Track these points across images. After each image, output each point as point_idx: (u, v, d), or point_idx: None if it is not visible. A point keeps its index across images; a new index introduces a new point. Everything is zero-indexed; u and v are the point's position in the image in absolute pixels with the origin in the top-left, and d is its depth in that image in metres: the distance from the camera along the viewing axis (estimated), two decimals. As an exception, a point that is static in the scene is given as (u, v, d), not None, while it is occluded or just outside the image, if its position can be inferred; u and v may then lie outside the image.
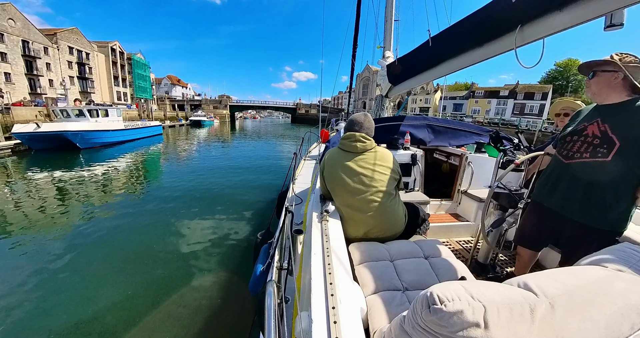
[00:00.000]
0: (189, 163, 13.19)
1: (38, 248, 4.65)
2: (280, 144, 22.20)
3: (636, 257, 0.69)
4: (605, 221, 1.36)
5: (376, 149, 1.73)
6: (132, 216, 6.09)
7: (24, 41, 29.93)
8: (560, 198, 1.49)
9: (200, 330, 2.98)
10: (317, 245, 1.25)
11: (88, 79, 39.32)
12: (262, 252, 2.04)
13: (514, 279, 0.66)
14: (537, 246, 1.76)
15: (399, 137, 3.13)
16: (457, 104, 51.64)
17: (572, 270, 0.69)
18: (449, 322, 0.53)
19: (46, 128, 14.04)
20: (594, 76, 1.37)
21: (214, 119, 46.82)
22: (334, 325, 0.82)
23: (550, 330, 0.52)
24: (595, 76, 1.36)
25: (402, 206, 1.77)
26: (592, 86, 1.39)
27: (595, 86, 1.38)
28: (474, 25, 1.99)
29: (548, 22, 1.46)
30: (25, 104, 22.83)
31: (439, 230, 2.61)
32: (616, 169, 1.28)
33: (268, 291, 0.93)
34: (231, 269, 4.11)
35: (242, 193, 7.92)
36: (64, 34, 35.46)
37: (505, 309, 0.54)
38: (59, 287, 3.60)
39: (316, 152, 5.87)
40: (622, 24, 1.21)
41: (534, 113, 41.39)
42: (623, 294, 0.59)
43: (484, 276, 2.04)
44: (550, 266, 2.09)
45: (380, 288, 1.21)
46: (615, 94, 1.33)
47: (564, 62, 50.23)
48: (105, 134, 16.97)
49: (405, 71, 3.40)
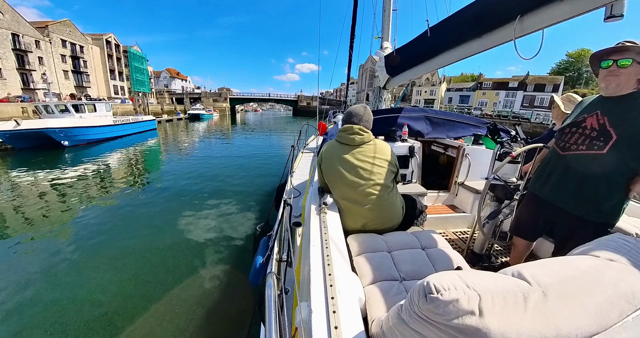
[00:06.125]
0: (185, 158, 12.96)
1: (23, 248, 4.55)
2: (279, 137, 22.06)
3: (627, 247, 0.71)
4: (598, 213, 1.37)
5: (374, 142, 1.73)
6: (124, 215, 5.95)
7: (14, 34, 29.12)
8: (554, 189, 1.51)
9: (201, 321, 3.03)
10: (315, 237, 1.27)
11: (83, 73, 38.63)
12: (262, 244, 2.05)
13: (508, 269, 0.67)
14: (532, 236, 1.79)
15: (396, 129, 3.12)
16: (464, 96, 49.87)
17: (565, 260, 0.70)
18: (445, 310, 0.55)
19: (26, 125, 13.22)
20: (631, 65, 1.23)
21: (214, 113, 46.07)
22: (333, 314, 0.84)
23: (542, 317, 0.53)
24: (632, 65, 1.23)
25: (399, 199, 1.78)
26: (622, 76, 1.26)
27: (626, 76, 1.25)
28: (473, 16, 1.97)
29: (548, 12, 1.44)
30: (11, 100, 22.01)
31: (436, 221, 2.64)
32: (611, 162, 1.28)
33: (268, 282, 0.95)
34: (231, 261, 4.15)
35: (241, 187, 7.92)
36: (55, 27, 34.61)
37: (500, 297, 0.55)
38: (58, 285, 3.62)
39: (314, 144, 5.85)
40: (622, 15, 1.19)
41: (545, 106, 38.80)
42: (613, 283, 0.61)
43: (480, 266, 2.08)
44: (544, 256, 2.13)
45: (378, 278, 1.23)
46: (630, 85, 1.27)
47: (576, 52, 48.48)
48: (91, 131, 16.02)
49: (404, 62, 3.37)
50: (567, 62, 49.88)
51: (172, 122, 34.46)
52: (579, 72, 47.70)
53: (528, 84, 43.68)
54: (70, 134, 14.67)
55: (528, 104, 41.87)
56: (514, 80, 46.11)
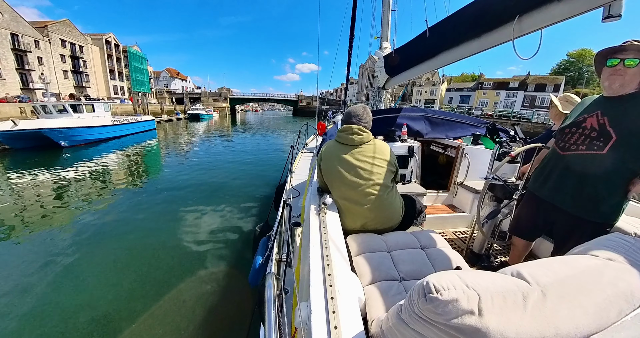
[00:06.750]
0: (184, 159, 12.93)
1: (20, 250, 4.55)
2: (278, 137, 22.04)
3: (626, 246, 0.71)
4: (596, 213, 1.37)
5: (373, 142, 1.73)
6: (123, 215, 5.91)
7: (13, 34, 29.09)
8: (553, 189, 1.51)
9: (201, 322, 3.02)
10: (315, 237, 1.27)
11: (83, 73, 38.60)
12: (261, 245, 2.05)
13: (507, 268, 0.67)
14: (531, 236, 1.79)
15: (396, 129, 3.12)
16: (464, 96, 49.81)
17: (564, 259, 0.71)
18: (445, 310, 0.55)
19: (23, 125, 13.10)
20: (637, 65, 1.22)
21: (213, 113, 45.96)
22: (333, 314, 0.84)
23: (541, 317, 0.54)
24: (638, 65, 1.22)
25: (399, 199, 1.79)
26: (627, 76, 1.24)
27: (630, 76, 1.24)
28: (472, 16, 1.97)
29: (546, 12, 1.45)
30: (9, 100, 21.85)
31: (435, 221, 2.64)
32: (610, 162, 1.28)
33: (267, 283, 0.95)
34: (231, 262, 4.15)
35: (240, 187, 7.91)
36: (55, 26, 34.58)
37: (499, 297, 0.56)
38: (57, 287, 3.62)
39: (313, 144, 5.86)
40: (620, 15, 1.19)
41: (545, 106, 38.60)
42: (612, 282, 0.61)
43: (479, 265, 2.08)
44: (543, 256, 2.13)
45: (377, 278, 1.23)
46: (633, 86, 1.26)
47: (577, 52, 48.27)
48: (89, 131, 15.89)
49: (403, 62, 3.38)
50: (568, 62, 49.72)
51: (171, 122, 34.44)
52: (580, 72, 47.55)
53: (529, 84, 43.58)
54: (68, 134, 14.55)
55: (529, 104, 41.78)
56: (514, 80, 46.05)
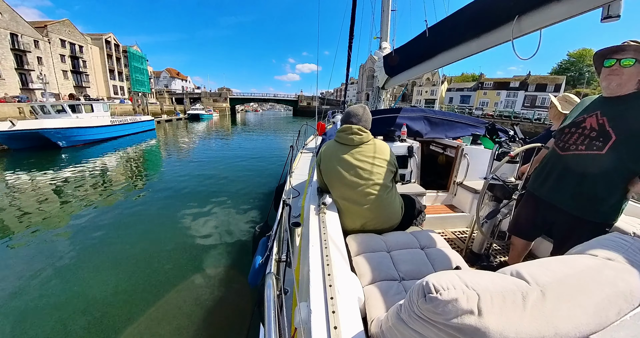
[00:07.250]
0: (183, 159, 12.93)
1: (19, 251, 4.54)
2: (278, 138, 22.04)
3: (625, 246, 0.71)
4: (596, 213, 1.37)
5: (373, 142, 1.73)
6: (122, 216, 5.90)
7: (13, 34, 29.02)
8: (553, 189, 1.51)
9: (201, 322, 3.02)
10: (315, 237, 1.27)
11: (82, 73, 38.50)
12: (261, 245, 2.06)
13: (507, 268, 0.67)
14: (530, 236, 1.79)
15: (395, 129, 3.13)
16: (465, 96, 49.59)
17: (563, 259, 0.71)
18: (444, 309, 0.55)
19: (22, 125, 13.02)
20: (634, 65, 1.22)
21: (213, 113, 45.86)
22: (333, 314, 0.84)
23: (541, 316, 0.54)
24: (635, 65, 1.22)
25: (398, 199, 1.79)
26: (624, 76, 1.25)
27: (628, 76, 1.24)
28: (471, 16, 1.97)
29: (545, 13, 1.45)
30: (8, 101, 21.69)
31: (434, 221, 2.64)
32: (609, 162, 1.28)
33: (267, 283, 0.95)
34: (230, 262, 4.15)
35: (240, 187, 7.91)
36: (54, 27, 34.52)
37: (498, 297, 0.56)
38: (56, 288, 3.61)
39: (313, 144, 5.86)
40: (618, 15, 1.19)
41: (546, 106, 38.11)
42: (611, 281, 0.61)
43: (479, 265, 2.08)
44: (543, 255, 2.13)
45: (377, 278, 1.23)
46: (631, 86, 1.26)
47: (577, 52, 48.13)
48: (88, 131, 15.80)
49: (402, 63, 3.38)
50: (569, 62, 49.61)
51: (171, 122, 34.42)
52: (580, 72, 47.40)
53: (529, 84, 43.43)
54: (66, 134, 14.48)
55: (529, 104, 41.63)
56: (515, 80, 45.85)
